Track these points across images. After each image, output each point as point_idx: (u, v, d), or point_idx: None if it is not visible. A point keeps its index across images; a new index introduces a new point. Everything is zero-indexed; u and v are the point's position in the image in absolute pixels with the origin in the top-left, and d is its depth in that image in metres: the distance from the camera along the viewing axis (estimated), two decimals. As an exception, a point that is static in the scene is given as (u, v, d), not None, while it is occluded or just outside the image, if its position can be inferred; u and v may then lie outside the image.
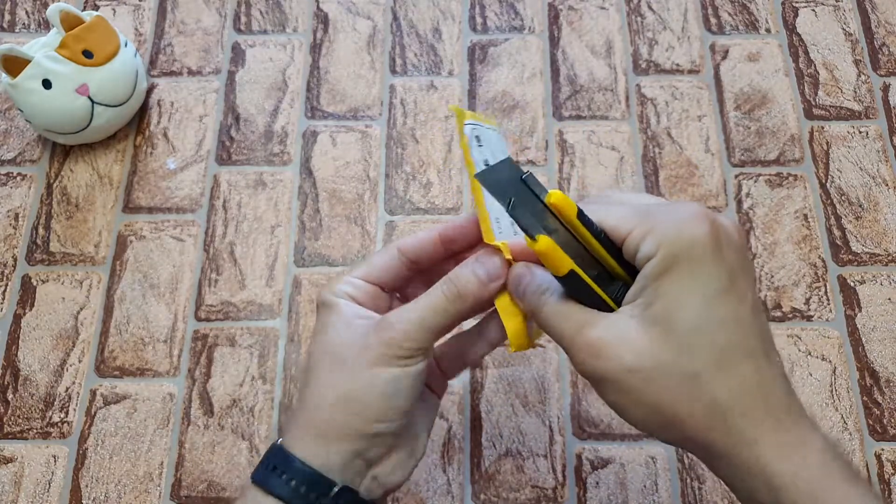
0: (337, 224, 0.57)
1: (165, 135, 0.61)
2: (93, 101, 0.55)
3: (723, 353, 0.28)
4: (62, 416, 0.52)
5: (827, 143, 0.59)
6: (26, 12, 0.66)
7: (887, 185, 0.58)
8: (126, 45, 0.58)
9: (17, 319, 0.54)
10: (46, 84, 0.54)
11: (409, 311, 0.34)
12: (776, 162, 0.59)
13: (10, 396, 0.52)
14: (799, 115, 0.60)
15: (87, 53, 0.55)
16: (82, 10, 0.64)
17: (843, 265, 0.55)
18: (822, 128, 0.60)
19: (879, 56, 0.62)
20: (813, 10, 0.64)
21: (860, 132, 0.60)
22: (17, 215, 0.58)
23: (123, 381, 0.53)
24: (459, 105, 0.61)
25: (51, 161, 0.60)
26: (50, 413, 0.52)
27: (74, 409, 0.52)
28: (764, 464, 0.28)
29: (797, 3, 0.65)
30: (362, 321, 0.34)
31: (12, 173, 0.59)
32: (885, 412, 0.51)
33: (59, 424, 0.51)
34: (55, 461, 0.50)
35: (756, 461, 0.28)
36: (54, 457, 0.51)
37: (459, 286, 0.33)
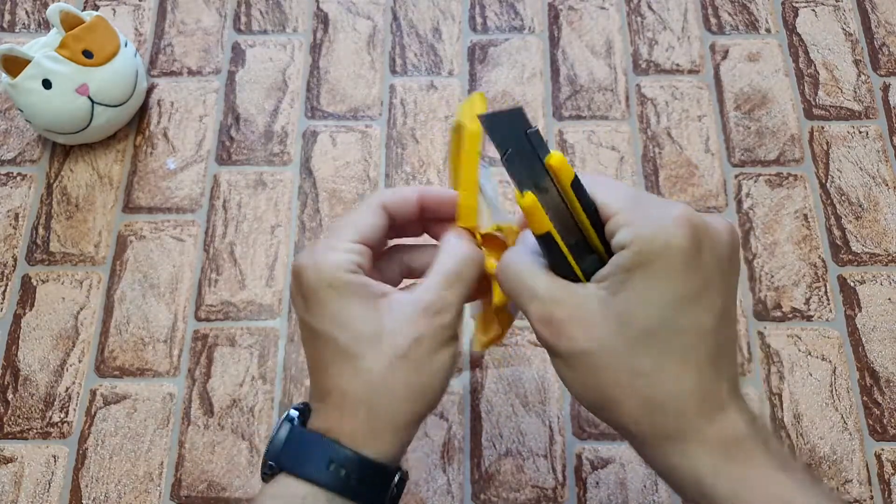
0: (337, 224, 0.57)
1: (165, 135, 0.61)
2: (93, 101, 0.55)
3: (670, 358, 0.29)
4: (62, 416, 0.52)
5: (827, 143, 0.59)
6: (26, 12, 0.66)
7: (887, 185, 0.58)
8: (126, 45, 0.58)
9: (17, 319, 0.54)
10: (46, 84, 0.54)
11: (445, 293, 0.34)
12: (776, 162, 0.59)
13: (10, 396, 0.52)
14: (799, 115, 0.60)
15: (87, 53, 0.55)
16: (82, 10, 0.64)
17: (843, 265, 0.55)
18: (822, 128, 0.60)
19: (879, 56, 0.62)
20: (813, 10, 0.64)
21: (860, 132, 0.60)
22: (17, 215, 0.58)
23: (123, 381, 0.53)
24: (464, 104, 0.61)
25: (51, 161, 0.60)
26: (50, 413, 0.52)
27: (74, 409, 0.52)
28: (686, 460, 0.29)
29: (797, 3, 0.65)
30: (384, 298, 0.34)
31: (12, 173, 0.59)
32: (885, 412, 0.51)
33: (59, 424, 0.51)
34: (55, 461, 0.50)
35: (679, 458, 0.30)
36: (54, 457, 0.51)
37: (471, 254, 0.35)
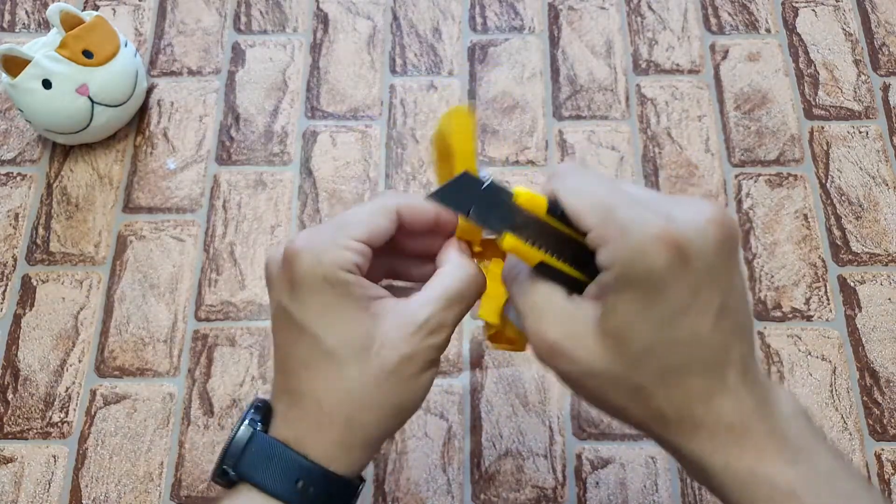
0: (337, 224, 0.57)
1: (165, 135, 0.61)
2: (93, 101, 0.55)
3: (670, 371, 0.29)
4: (62, 416, 0.52)
5: (827, 143, 0.59)
6: (26, 12, 0.66)
7: (887, 185, 0.58)
8: (126, 45, 0.58)
9: (17, 319, 0.54)
10: (46, 84, 0.54)
11: (445, 314, 0.32)
12: (776, 162, 0.59)
13: (10, 396, 0.52)
14: (799, 115, 0.60)
15: (87, 53, 0.55)
16: (82, 10, 0.64)
17: (843, 265, 0.55)
18: (822, 128, 0.60)
19: (879, 56, 0.62)
20: (813, 10, 0.64)
21: (860, 132, 0.60)
22: (17, 215, 0.58)
23: (123, 381, 0.53)
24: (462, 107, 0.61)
25: (51, 161, 0.60)
26: (50, 413, 0.52)
27: (74, 409, 0.52)
28: (696, 454, 0.29)
29: (797, 3, 0.65)
30: (378, 301, 0.32)
31: (12, 173, 0.59)
32: (885, 412, 0.51)
33: (59, 424, 0.51)
34: (55, 461, 0.50)
35: (699, 455, 0.29)
36: (54, 457, 0.51)
37: (476, 277, 0.33)
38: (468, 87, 0.62)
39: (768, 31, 0.64)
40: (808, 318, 0.54)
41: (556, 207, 0.30)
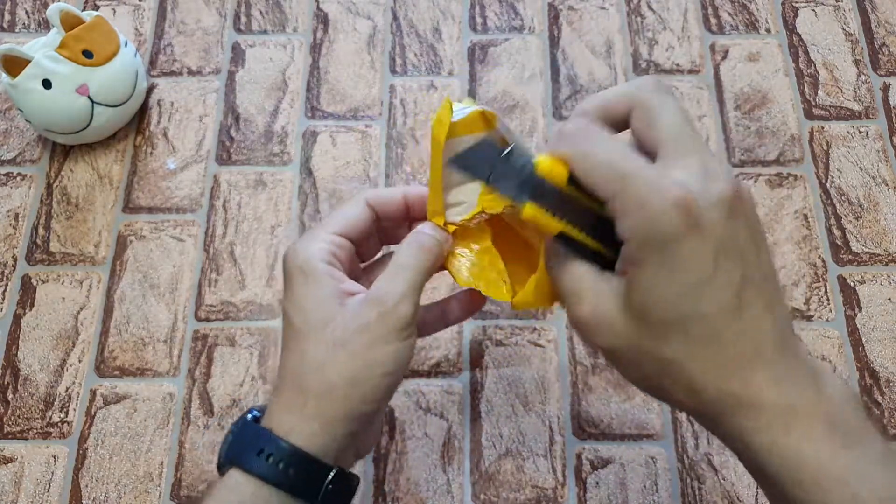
0: (337, 224, 0.57)
1: (165, 135, 0.61)
2: (93, 101, 0.55)
3: (698, 344, 0.28)
4: (62, 416, 0.52)
5: (827, 143, 0.59)
6: (26, 12, 0.66)
7: (887, 185, 0.58)
8: (126, 45, 0.58)
9: (17, 319, 0.54)
10: (46, 84, 0.54)
11: (393, 282, 0.34)
12: (776, 162, 0.59)
13: (10, 396, 0.52)
14: (799, 115, 0.60)
15: (87, 53, 0.55)
16: (82, 10, 0.64)
17: (843, 265, 0.55)
18: (822, 128, 0.60)
19: (879, 56, 0.62)
20: (813, 10, 0.64)
21: (860, 132, 0.60)
22: (17, 215, 0.58)
23: (123, 381, 0.53)
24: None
25: (51, 161, 0.60)
26: (50, 413, 0.52)
27: (74, 409, 0.52)
28: (740, 435, 0.29)
29: (797, 3, 0.65)
30: (350, 296, 0.34)
31: (12, 173, 0.59)
32: (885, 412, 0.51)
33: (59, 424, 0.51)
34: (55, 461, 0.50)
35: (740, 433, 0.29)
36: (54, 457, 0.51)
37: (422, 242, 0.35)
38: (468, 87, 0.62)
39: (768, 31, 0.64)
40: (808, 318, 0.54)
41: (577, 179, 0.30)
